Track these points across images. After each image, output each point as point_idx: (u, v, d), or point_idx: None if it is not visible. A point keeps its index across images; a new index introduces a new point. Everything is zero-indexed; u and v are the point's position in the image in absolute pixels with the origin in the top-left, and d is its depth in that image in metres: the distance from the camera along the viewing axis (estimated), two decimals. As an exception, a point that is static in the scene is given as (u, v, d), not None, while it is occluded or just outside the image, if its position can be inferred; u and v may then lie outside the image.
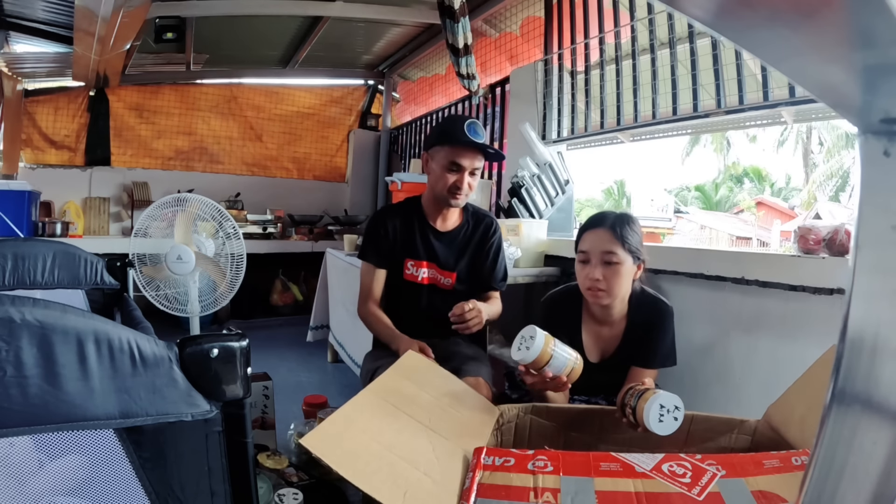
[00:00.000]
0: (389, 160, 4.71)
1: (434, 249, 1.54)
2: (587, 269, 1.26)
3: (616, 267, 1.23)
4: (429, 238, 1.54)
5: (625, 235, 1.23)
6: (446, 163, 1.43)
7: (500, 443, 1.10)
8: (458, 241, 1.56)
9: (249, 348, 0.62)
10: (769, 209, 17.56)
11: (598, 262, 1.24)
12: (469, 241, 1.57)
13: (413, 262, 1.54)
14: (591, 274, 1.24)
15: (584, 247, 1.28)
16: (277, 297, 4.42)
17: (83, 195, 3.94)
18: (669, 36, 2.02)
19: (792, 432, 0.96)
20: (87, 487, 0.62)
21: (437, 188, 1.47)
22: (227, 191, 4.25)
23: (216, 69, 4.27)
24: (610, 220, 1.26)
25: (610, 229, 1.24)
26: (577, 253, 1.31)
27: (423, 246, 1.54)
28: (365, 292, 1.57)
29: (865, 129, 0.28)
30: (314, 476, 1.48)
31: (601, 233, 1.25)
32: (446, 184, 1.44)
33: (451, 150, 1.42)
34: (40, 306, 0.50)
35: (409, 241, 1.54)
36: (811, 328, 1.32)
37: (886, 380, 0.27)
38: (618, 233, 1.23)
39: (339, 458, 0.77)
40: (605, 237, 1.24)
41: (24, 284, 1.43)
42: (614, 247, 1.23)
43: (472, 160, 1.43)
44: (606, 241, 1.24)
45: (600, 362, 1.32)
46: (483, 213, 1.62)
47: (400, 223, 1.54)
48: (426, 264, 1.54)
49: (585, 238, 1.28)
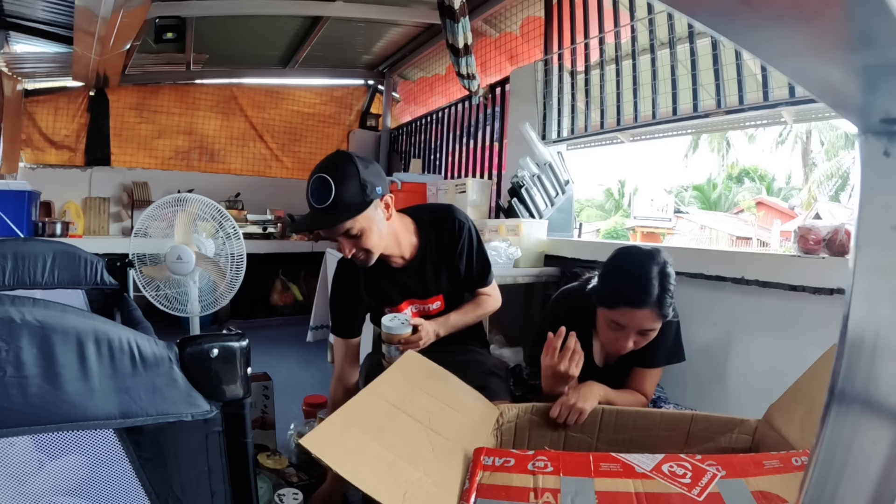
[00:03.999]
0: (389, 160, 4.71)
1: (406, 286, 1.40)
2: (618, 337, 1.14)
3: (651, 334, 1.14)
4: (396, 278, 1.39)
5: (665, 310, 1.10)
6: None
7: (500, 443, 1.10)
8: (426, 265, 1.40)
9: (249, 348, 0.62)
10: (769, 209, 17.56)
11: (632, 335, 1.13)
12: (438, 257, 1.40)
13: (390, 309, 1.40)
14: (623, 343, 1.14)
15: (620, 320, 1.12)
16: (277, 297, 4.41)
17: (83, 195, 3.94)
18: (669, 36, 2.02)
19: (792, 432, 0.96)
20: (87, 487, 0.61)
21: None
22: (227, 191, 4.25)
23: (216, 69, 4.27)
24: (653, 294, 1.08)
25: (655, 308, 1.09)
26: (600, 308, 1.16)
27: (395, 289, 1.40)
28: (337, 370, 1.46)
29: (865, 129, 0.28)
30: (314, 476, 1.47)
31: (644, 313, 1.09)
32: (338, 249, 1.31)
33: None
34: (40, 306, 0.50)
35: (378, 290, 1.40)
36: (811, 328, 1.32)
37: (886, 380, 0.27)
38: (661, 311, 1.09)
39: (338, 458, 0.77)
40: (647, 317, 1.10)
41: (24, 284, 1.43)
42: (654, 323, 1.11)
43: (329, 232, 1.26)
44: (648, 321, 1.11)
45: (604, 366, 1.32)
46: (441, 217, 1.40)
47: (360, 280, 1.39)
48: (406, 303, 1.42)
49: (624, 313, 1.11)
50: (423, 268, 1.39)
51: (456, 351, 1.44)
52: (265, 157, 4.69)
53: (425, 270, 1.40)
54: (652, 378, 1.26)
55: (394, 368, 1.11)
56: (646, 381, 1.25)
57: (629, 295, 1.10)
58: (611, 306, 1.13)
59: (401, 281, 1.39)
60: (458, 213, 1.41)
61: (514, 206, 2.36)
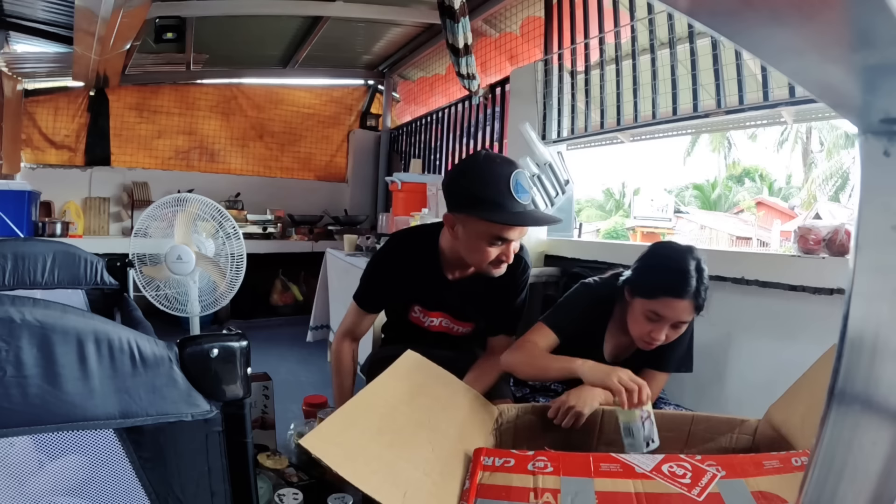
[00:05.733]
0: (389, 160, 4.71)
1: (447, 300, 1.34)
2: (653, 328, 1.14)
3: (683, 327, 1.15)
4: (442, 286, 1.33)
5: (702, 304, 1.11)
6: (487, 237, 1.14)
7: (499, 443, 1.10)
8: (477, 288, 1.32)
9: (249, 348, 0.62)
10: (769, 209, 17.56)
11: (667, 326, 1.14)
12: (491, 289, 1.32)
13: (420, 309, 1.36)
14: (656, 335, 1.14)
15: (660, 310, 1.12)
16: (277, 297, 4.42)
17: (83, 195, 3.94)
18: (669, 36, 2.02)
19: (792, 432, 0.96)
20: (87, 487, 0.61)
21: (473, 258, 1.20)
22: (227, 191, 4.25)
23: (216, 69, 4.27)
24: (693, 286, 1.09)
25: (693, 300, 1.10)
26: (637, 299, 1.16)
27: (436, 296, 1.34)
28: (346, 327, 1.39)
29: (865, 129, 0.28)
30: (314, 476, 1.47)
31: (685, 304, 1.10)
32: (486, 258, 1.17)
33: (495, 227, 1.13)
34: (40, 306, 0.50)
35: (418, 288, 1.34)
36: (811, 328, 1.32)
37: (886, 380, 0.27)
38: (698, 303, 1.11)
39: (338, 458, 0.77)
40: (686, 308, 1.11)
41: (24, 284, 1.42)
42: (690, 315, 1.13)
43: (521, 231, 1.17)
44: (686, 313, 1.12)
45: (613, 362, 1.31)
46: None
47: (410, 269, 1.32)
48: (439, 314, 1.37)
49: (665, 304, 1.11)
50: (472, 291, 1.33)
51: (456, 351, 1.45)
52: (265, 157, 4.69)
53: (472, 294, 1.33)
54: (659, 382, 1.26)
55: (394, 368, 1.11)
56: (652, 385, 1.24)
57: (671, 285, 1.10)
58: (651, 296, 1.13)
59: (445, 292, 1.33)
60: (526, 253, 1.35)
61: (514, 206, 2.36)
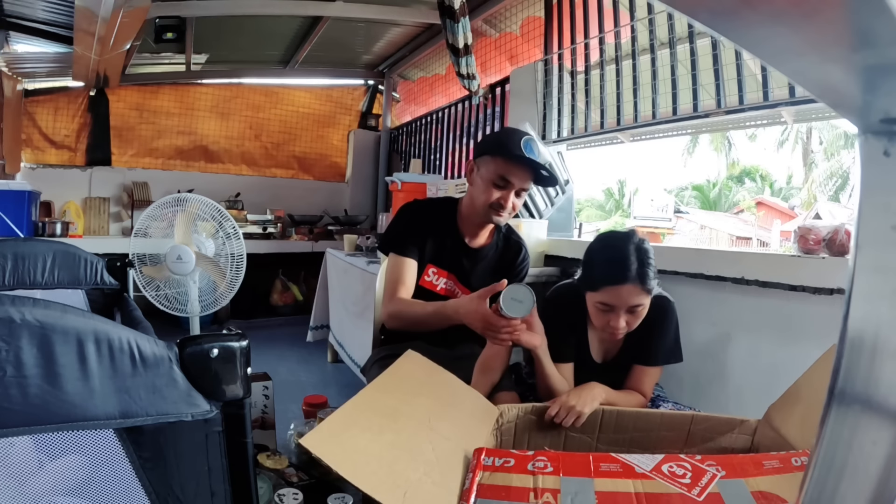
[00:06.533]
0: (389, 160, 4.71)
1: (460, 263, 1.45)
2: (609, 318, 1.16)
3: (640, 310, 1.16)
4: (457, 250, 1.45)
5: (649, 284, 1.12)
6: (494, 176, 1.32)
7: (500, 443, 1.10)
8: (484, 261, 1.47)
9: (249, 348, 0.62)
10: (769, 209, 17.56)
11: (622, 313, 1.15)
12: (496, 263, 1.47)
13: (435, 270, 1.44)
14: (614, 324, 1.15)
15: (607, 300, 1.14)
16: (277, 297, 4.42)
17: (83, 195, 3.94)
18: (669, 36, 2.02)
19: (792, 432, 0.96)
20: (87, 487, 0.62)
21: (479, 201, 1.36)
22: (227, 191, 4.25)
23: (216, 69, 4.27)
24: (633, 269, 1.11)
25: (637, 282, 1.11)
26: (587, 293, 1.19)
27: (450, 257, 1.45)
28: (392, 284, 1.39)
29: (865, 129, 0.28)
30: (314, 476, 1.47)
31: (628, 289, 1.12)
32: (489, 198, 1.33)
33: (502, 164, 1.31)
34: (40, 306, 0.50)
35: (438, 246, 1.44)
36: (811, 328, 1.32)
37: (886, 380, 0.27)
38: (645, 285, 1.12)
39: (339, 458, 0.77)
40: (632, 292, 1.12)
41: (24, 284, 1.43)
42: (641, 298, 1.13)
43: (522, 178, 1.33)
44: (634, 296, 1.12)
45: (604, 363, 1.32)
46: (515, 238, 1.52)
47: (434, 224, 1.44)
48: (447, 274, 1.46)
49: (608, 293, 1.13)
50: (479, 261, 1.46)
51: (456, 349, 1.46)
52: (265, 157, 4.69)
53: (480, 265, 1.46)
54: (651, 377, 1.26)
55: (394, 368, 1.11)
56: (645, 380, 1.25)
57: (611, 273, 1.13)
58: (595, 288, 1.16)
59: (460, 257, 1.45)
60: (525, 245, 1.52)
61: (514, 206, 2.36)
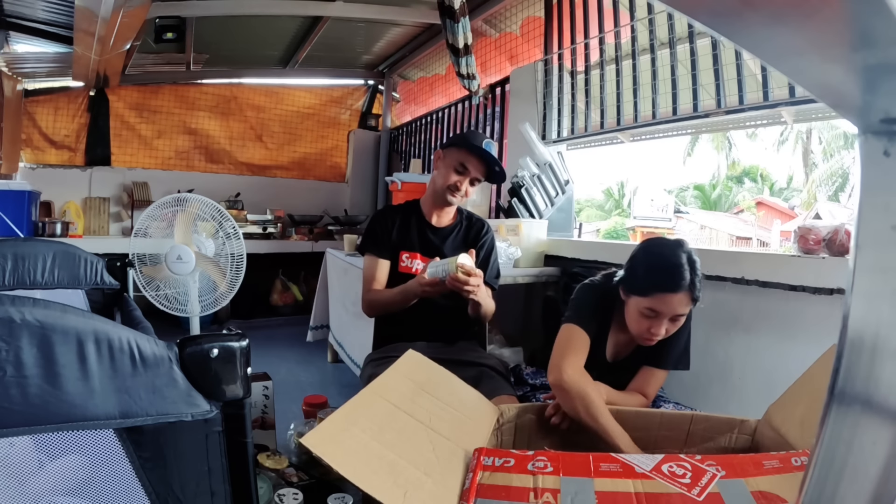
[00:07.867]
0: (389, 160, 4.71)
1: (429, 242, 1.63)
2: (651, 324, 1.14)
3: (682, 319, 1.15)
4: (424, 232, 1.63)
5: (697, 294, 1.11)
6: (455, 163, 1.54)
7: (500, 443, 1.10)
8: (451, 237, 1.65)
9: (249, 348, 0.62)
10: (769, 209, 17.55)
11: (666, 321, 1.14)
12: (464, 238, 1.66)
13: (408, 255, 1.62)
14: (655, 330, 1.14)
15: (656, 307, 1.13)
16: (277, 297, 4.41)
17: (83, 195, 3.94)
18: (669, 36, 2.02)
19: (792, 432, 0.96)
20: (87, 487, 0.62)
21: (439, 184, 1.57)
22: (227, 191, 4.25)
23: (216, 69, 4.27)
24: (687, 278, 1.10)
25: (688, 291, 1.10)
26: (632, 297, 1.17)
27: (419, 239, 1.63)
28: (368, 282, 1.59)
29: (865, 129, 0.28)
30: (314, 476, 1.47)
31: (679, 297, 1.11)
32: (448, 181, 1.55)
33: (465, 154, 1.53)
34: (40, 306, 0.50)
35: (406, 234, 1.63)
36: (811, 328, 1.32)
37: (886, 380, 0.27)
38: (693, 295, 1.11)
39: (339, 457, 0.77)
40: (682, 301, 1.11)
41: (24, 284, 1.42)
42: (687, 307, 1.13)
43: (477, 169, 1.54)
44: (683, 305, 1.12)
45: (614, 361, 1.31)
46: (476, 217, 1.73)
47: (399, 220, 1.64)
48: (420, 256, 1.62)
49: (661, 300, 1.12)
50: (447, 238, 1.65)
51: (456, 349, 1.48)
52: (265, 157, 4.69)
53: (448, 241, 1.65)
54: (657, 379, 1.26)
55: (395, 368, 1.11)
56: (651, 382, 1.25)
57: (664, 281, 1.11)
58: (646, 294, 1.14)
59: (426, 236, 1.63)
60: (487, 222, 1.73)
61: (514, 206, 2.36)
